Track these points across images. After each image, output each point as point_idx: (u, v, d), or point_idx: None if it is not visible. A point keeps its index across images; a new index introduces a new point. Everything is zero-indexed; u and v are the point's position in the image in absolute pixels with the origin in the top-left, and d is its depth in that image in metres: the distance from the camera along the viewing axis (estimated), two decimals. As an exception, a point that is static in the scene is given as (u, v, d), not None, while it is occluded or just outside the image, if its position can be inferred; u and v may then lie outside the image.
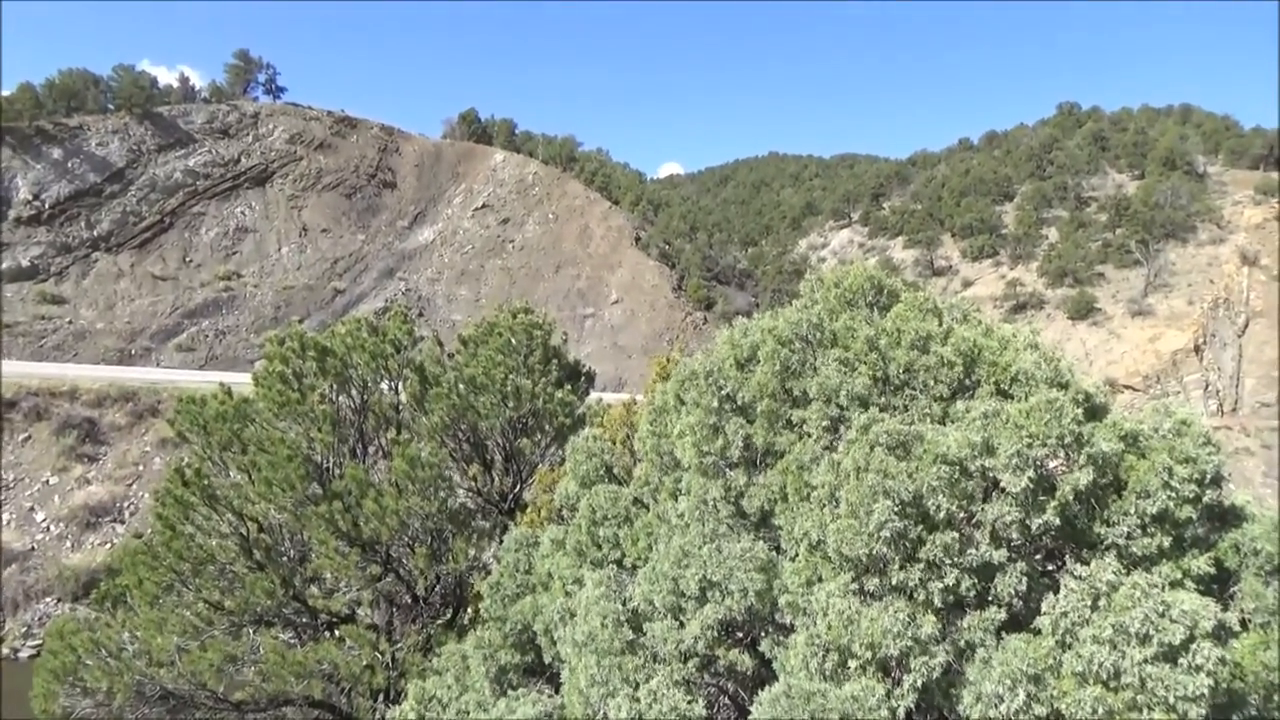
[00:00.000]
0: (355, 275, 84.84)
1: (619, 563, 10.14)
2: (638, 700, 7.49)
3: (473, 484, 15.77)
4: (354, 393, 15.32)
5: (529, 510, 13.68)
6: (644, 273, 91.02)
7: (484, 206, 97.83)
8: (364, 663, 12.66)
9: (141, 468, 44.55)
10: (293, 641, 13.99)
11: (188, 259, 76.16)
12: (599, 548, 10.38)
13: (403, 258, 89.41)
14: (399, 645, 13.31)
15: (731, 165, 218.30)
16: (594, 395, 18.78)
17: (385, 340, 15.42)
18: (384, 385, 15.57)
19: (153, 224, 76.51)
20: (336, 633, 13.76)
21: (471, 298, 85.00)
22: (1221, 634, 7.05)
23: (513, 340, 15.90)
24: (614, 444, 11.99)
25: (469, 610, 13.55)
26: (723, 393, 10.10)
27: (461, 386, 15.34)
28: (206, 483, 13.58)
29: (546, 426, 15.81)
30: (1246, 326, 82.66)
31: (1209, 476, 8.39)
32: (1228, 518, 8.88)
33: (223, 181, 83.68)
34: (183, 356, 67.55)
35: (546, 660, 10.38)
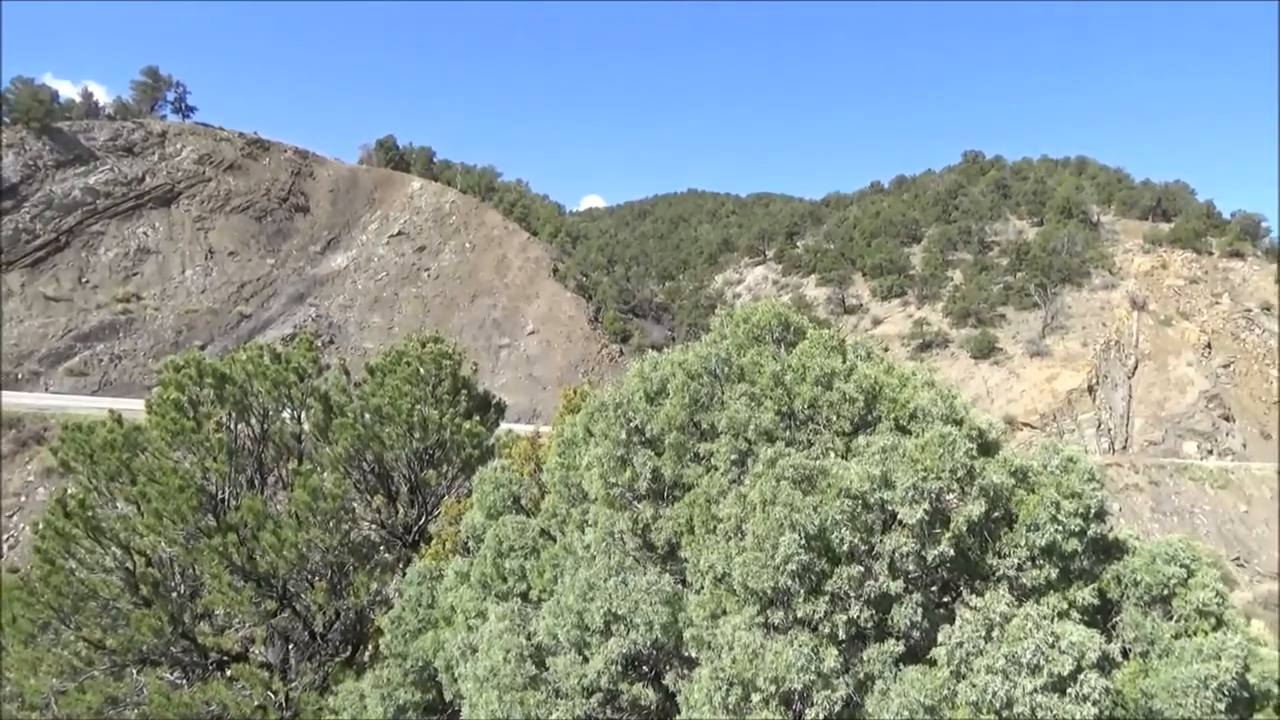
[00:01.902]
0: (263, 300, 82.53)
1: (524, 596, 9.99)
2: (538, 737, 7.35)
3: (377, 516, 15.37)
4: (254, 421, 14.82)
5: (434, 543, 13.39)
6: (561, 304, 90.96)
7: (400, 234, 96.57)
8: (255, 703, 12.12)
9: (24, 498, 42.16)
10: (180, 681, 13.31)
11: (84, 280, 72.95)
12: (504, 580, 10.21)
13: (314, 283, 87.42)
14: (294, 684, 12.80)
15: (651, 200, 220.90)
16: (505, 426, 18.58)
17: (289, 368, 14.98)
18: (286, 414, 15.10)
19: (47, 242, 73.14)
20: (227, 672, 13.15)
21: (385, 326, 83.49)
22: (1105, 664, 7.31)
23: (421, 370, 15.64)
24: (522, 475, 11.85)
25: (369, 647, 13.13)
26: (631, 425, 10.10)
27: (367, 416, 14.99)
28: (91, 514, 12.90)
29: (454, 458, 15.55)
30: (1136, 368, 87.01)
31: (1093, 511, 8.75)
32: (1111, 550, 9.26)
33: (125, 201, 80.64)
34: (74, 381, 64.44)
35: (448, 698, 10.12)
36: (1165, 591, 8.83)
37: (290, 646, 14.09)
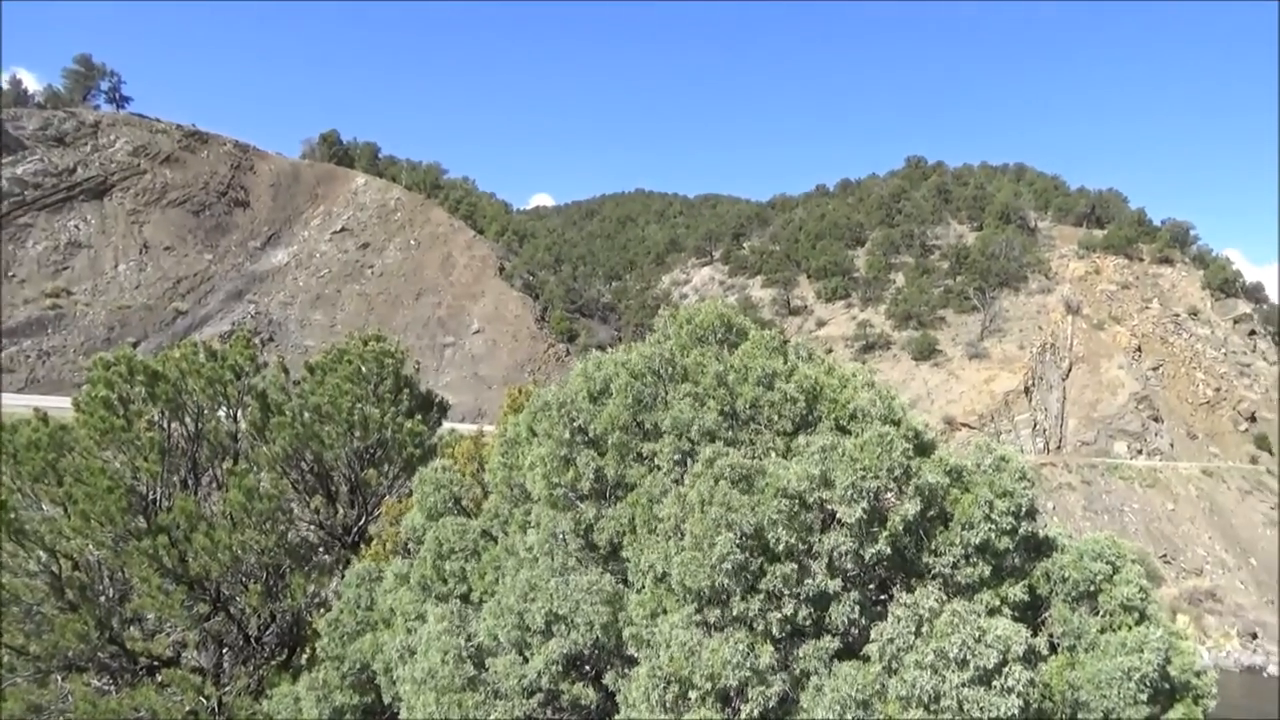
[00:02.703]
0: (200, 296, 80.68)
1: (465, 597, 9.92)
2: (476, 738, 7.31)
3: (315, 516, 15.11)
4: (188, 420, 14.46)
5: (374, 544, 13.22)
6: (507, 303, 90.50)
7: (343, 230, 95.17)
8: (187, 708, 11.84)
9: (-56, 499, 40.62)
10: (108, 688, 12.93)
11: (10, 274, 70.53)
12: (444, 582, 10.13)
13: (253, 279, 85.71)
14: (227, 689, 12.52)
15: (599, 199, 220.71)
16: (449, 426, 18.41)
17: (224, 365, 14.64)
18: (222, 413, 14.77)
19: (-30, 234, 70.66)
20: (158, 677, 12.81)
21: (327, 323, 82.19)
22: (1032, 657, 7.51)
23: (363, 368, 15.41)
24: (464, 476, 11.76)
25: (306, 650, 12.91)
26: (575, 425, 10.09)
27: (306, 415, 14.73)
28: (13, 516, 12.47)
29: (395, 457, 15.36)
30: (1070, 371, 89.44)
31: (1025, 509, 8.99)
32: (1041, 548, 9.51)
33: (55, 192, 78.17)
34: (-1, 378, 62.30)
35: (386, 700, 10.01)
36: (1092, 587, 9.10)
37: (224, 650, 13.78)
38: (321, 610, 12.74)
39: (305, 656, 13.13)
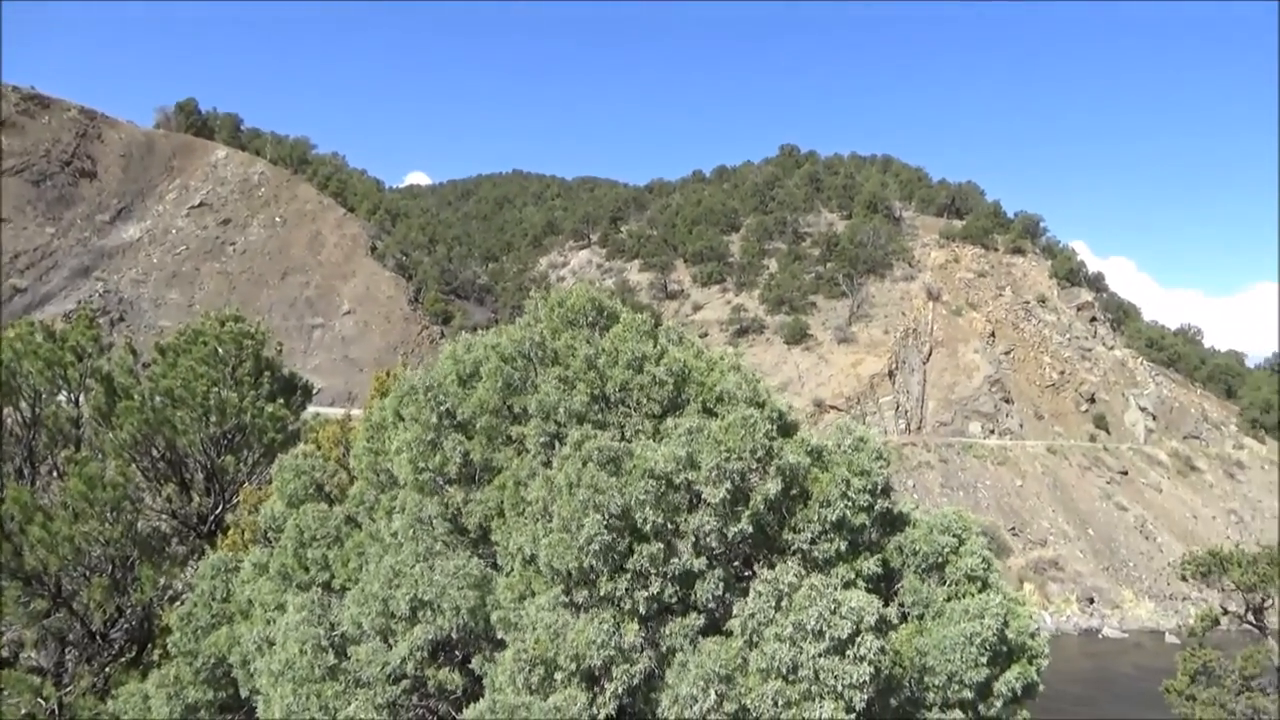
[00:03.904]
0: (41, 273, 75.24)
1: (327, 585, 9.66)
2: (335, 729, 7.15)
3: (167, 505, 14.37)
4: (24, 405, 13.49)
5: (231, 533, 12.68)
6: (379, 283, 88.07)
7: (202, 205, 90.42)
8: (23, 711, 11.11)
9: None
10: (-68, 693, 11.99)
11: None
12: (306, 570, 9.83)
13: (102, 255, 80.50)
14: (69, 689, 11.81)
15: (475, 180, 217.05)
16: (314, 410, 17.83)
17: (64, 346, 13.72)
18: (62, 397, 13.84)
19: None
20: (-10, 679, 11.96)
21: (184, 303, 78.04)
22: (883, 626, 7.89)
23: (220, 350, 14.71)
24: (328, 461, 11.42)
25: (157, 646, 12.30)
26: (443, 408, 9.95)
27: (157, 399, 13.97)
28: None
29: (255, 443, 14.75)
30: (930, 355, 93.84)
31: (880, 487, 9.41)
32: (895, 523, 9.99)
33: None
34: None
35: (244, 694, 9.66)
36: (940, 559, 9.64)
37: (66, 649, 12.97)
38: (174, 604, 12.16)
39: (157, 653, 12.52)
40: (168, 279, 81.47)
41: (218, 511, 14.92)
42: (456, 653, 9.17)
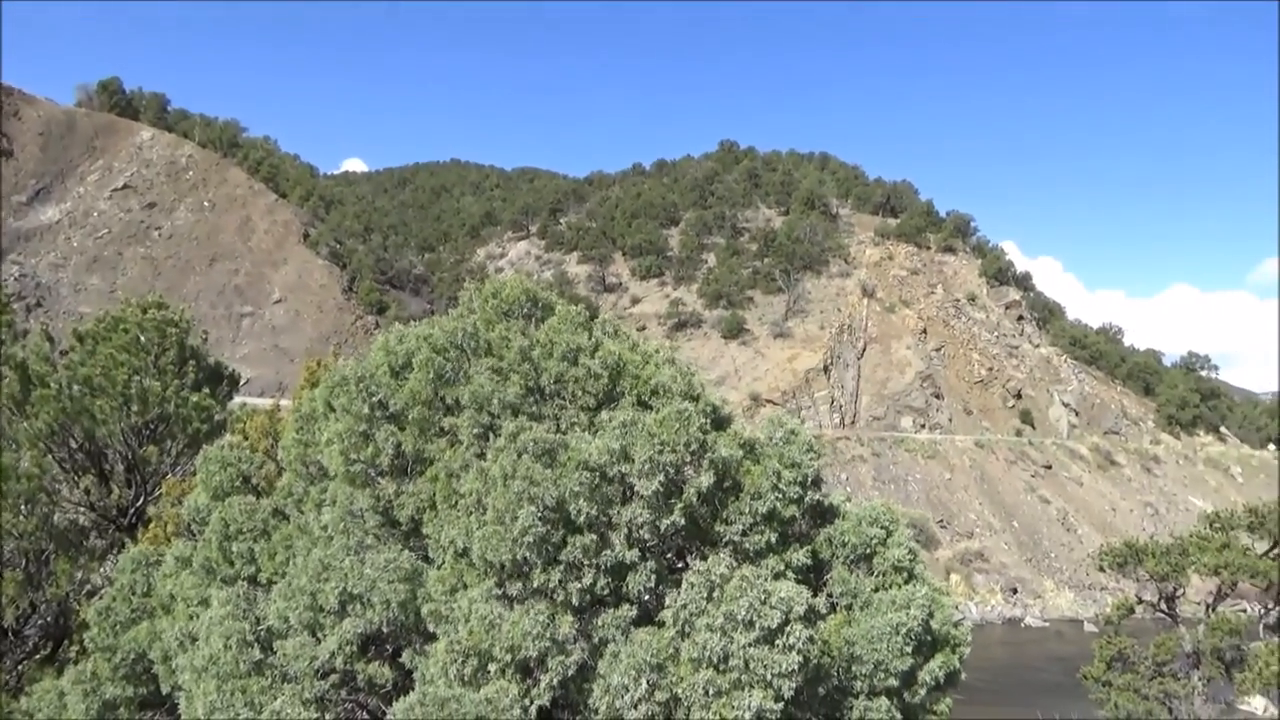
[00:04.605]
0: (-48, 255, 72.01)
1: (253, 579, 9.46)
2: (259, 725, 7.02)
3: (85, 498, 13.90)
4: (-70, 393, 12.93)
5: (153, 526, 12.32)
6: (312, 272, 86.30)
7: (125, 187, 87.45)
8: (-72, 712, 10.65)
9: None
10: None
11: None
12: (231, 564, 9.62)
13: (18, 238, 77.34)
14: (-21, 688, 11.37)
15: (412, 168, 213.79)
16: (241, 400, 17.41)
17: (-24, 332, 13.19)
18: (-28, 385, 13.30)
19: None
20: (-108, 679, 11.46)
21: (105, 288, 75.44)
22: (812, 616, 8.03)
23: (142, 337, 14.25)
24: (255, 452, 11.18)
25: (74, 642, 11.91)
26: (375, 399, 9.82)
27: (75, 388, 13.49)
28: None
29: (178, 434, 14.35)
30: (864, 351, 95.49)
31: (810, 479, 9.58)
32: (825, 515, 10.17)
33: None
34: None
35: (165, 691, 9.42)
36: (868, 550, 9.84)
37: (-24, 646, 12.49)
38: (92, 599, 11.79)
39: (73, 649, 12.14)
40: (88, 263, 78.67)
41: (139, 504, 14.47)
42: (386, 646, 9.07)
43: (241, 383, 17.52)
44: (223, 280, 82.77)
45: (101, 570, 12.57)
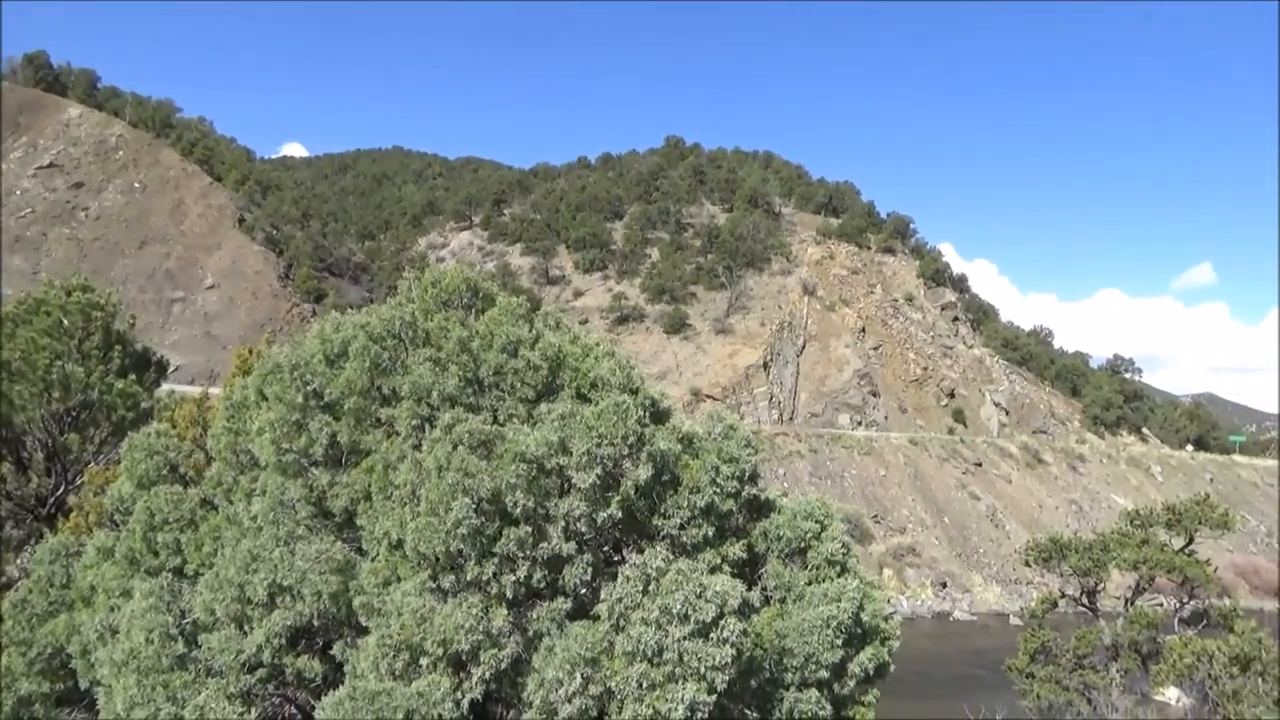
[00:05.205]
0: None
1: (178, 571, 9.22)
2: (182, 718, 6.84)
3: (2, 486, 13.37)
4: None
5: (73, 515, 11.93)
6: (247, 257, 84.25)
7: (51, 166, 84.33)
8: None
9: None
10: None
11: None
12: (156, 555, 9.36)
13: (-66, 215, 74.06)
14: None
15: (354, 154, 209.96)
16: (170, 387, 16.93)
17: (-114, 312, 12.59)
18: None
19: None
20: None
21: (28, 270, 72.67)
22: (746, 610, 8.11)
23: (65, 321, 13.75)
24: (183, 441, 10.89)
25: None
26: (309, 388, 9.63)
27: (-8, 372, 12.99)
28: None
29: (103, 421, 13.89)
30: (804, 348, 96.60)
31: (748, 474, 9.66)
32: (761, 509, 10.27)
33: None
34: None
35: (84, 686, 9.14)
36: (803, 545, 9.97)
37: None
38: (6, 591, 11.36)
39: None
40: (10, 244, 75.66)
41: (59, 493, 13.97)
42: (317, 639, 8.92)
43: (170, 369, 17.04)
44: (153, 264, 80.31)
45: (18, 562, 12.12)
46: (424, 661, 7.47)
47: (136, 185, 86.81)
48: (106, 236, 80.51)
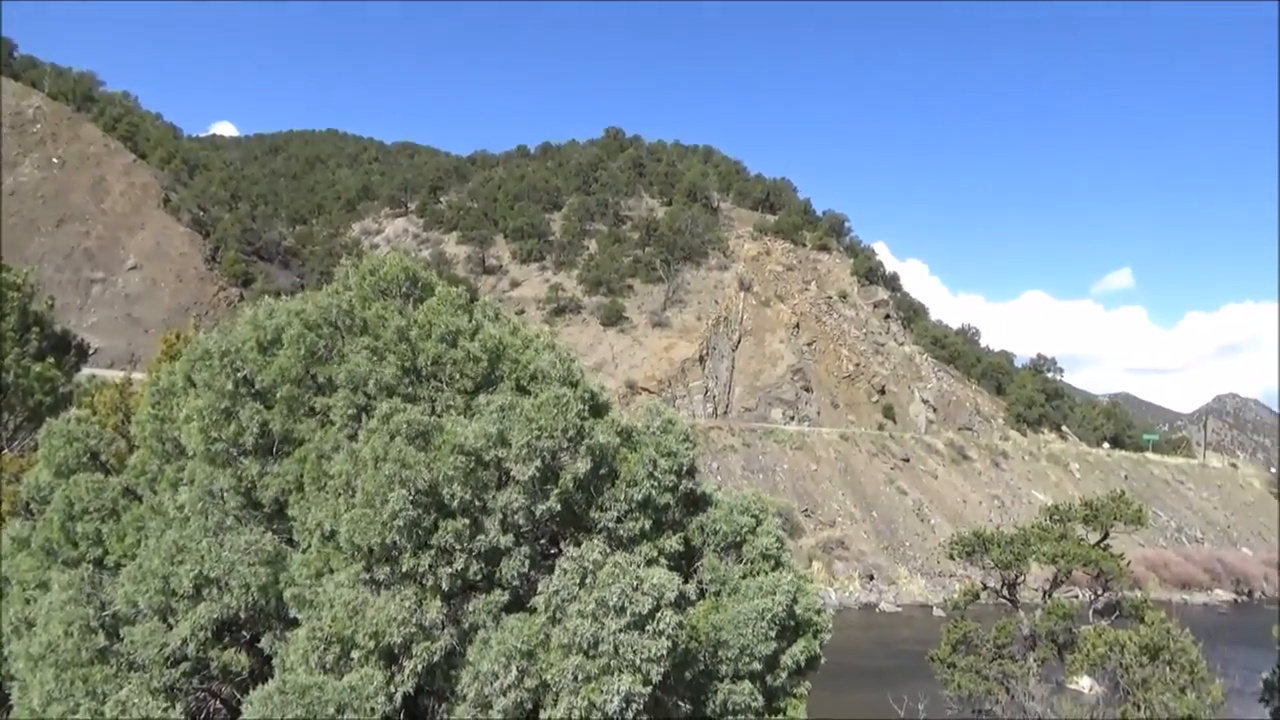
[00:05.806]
0: None
1: (99, 562, 8.93)
2: (102, 714, 6.63)
3: (-92, 473, 12.79)
4: None
5: (-14, 504, 11.47)
6: (172, 239, 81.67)
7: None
8: None
9: None
10: None
11: None
12: (75, 546, 9.05)
13: None
14: None
15: (286, 135, 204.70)
16: (89, 371, 16.34)
17: None
18: None
19: None
20: None
21: (-64, 246, 69.23)
22: (682, 602, 8.19)
23: (-22, 301, 13.20)
24: (104, 428, 10.53)
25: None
26: (240, 375, 9.41)
27: (-101, 353, 12.38)
28: None
29: (18, 405, 13.35)
30: (739, 343, 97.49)
31: (685, 468, 9.73)
32: (698, 503, 10.36)
33: None
34: None
35: (-4, 680, 8.79)
36: (738, 539, 10.09)
37: None
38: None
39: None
40: (-84, 217, 72.08)
41: (-30, 480, 13.41)
42: (244, 632, 8.73)
43: (90, 353, 16.45)
44: (71, 243, 77.29)
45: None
46: (355, 654, 7.38)
47: (55, 160, 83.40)
48: (21, 213, 77.18)
